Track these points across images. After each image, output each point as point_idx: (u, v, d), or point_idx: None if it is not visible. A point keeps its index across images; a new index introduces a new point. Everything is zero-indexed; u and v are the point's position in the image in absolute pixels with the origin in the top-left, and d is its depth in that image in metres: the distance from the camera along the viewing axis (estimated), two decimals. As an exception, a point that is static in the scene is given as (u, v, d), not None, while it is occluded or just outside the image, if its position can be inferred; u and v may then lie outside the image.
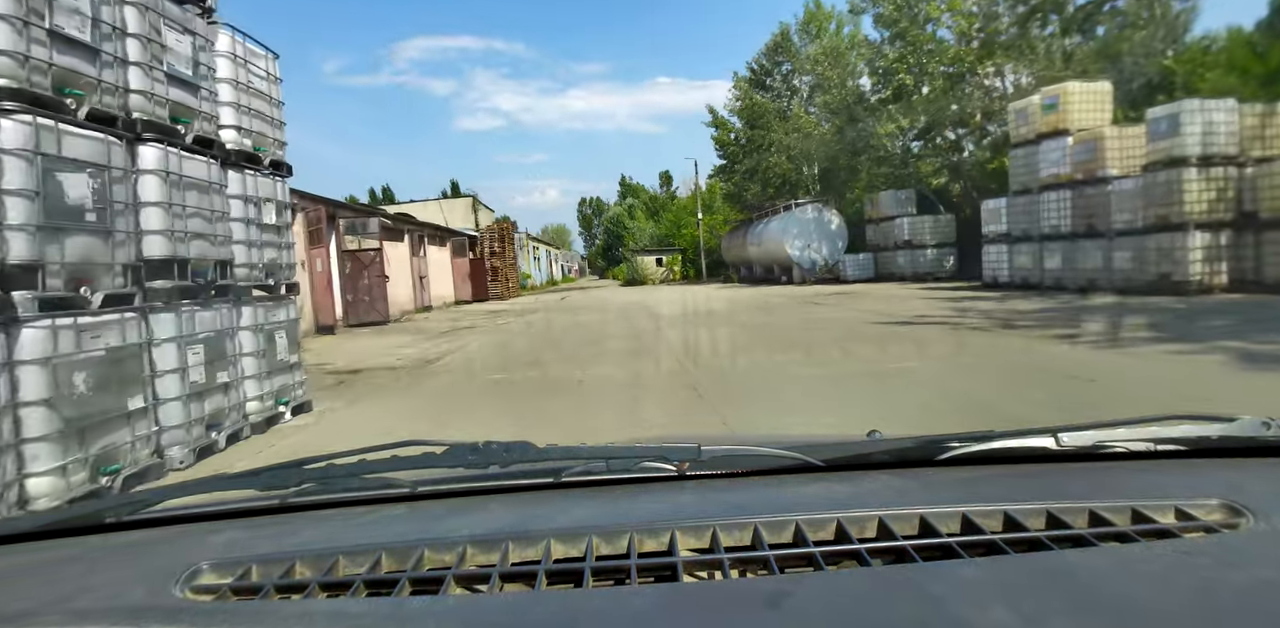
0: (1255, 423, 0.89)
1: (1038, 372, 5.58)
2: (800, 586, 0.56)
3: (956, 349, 7.11)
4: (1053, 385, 4.94)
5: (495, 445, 0.84)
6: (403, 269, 18.29)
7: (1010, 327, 8.88)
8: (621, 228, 69.90)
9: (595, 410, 4.89)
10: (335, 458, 0.87)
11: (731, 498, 0.81)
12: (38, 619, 0.58)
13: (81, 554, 0.77)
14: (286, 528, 0.81)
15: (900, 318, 10.34)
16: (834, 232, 25.71)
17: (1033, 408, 4.21)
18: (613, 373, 6.43)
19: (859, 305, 13.38)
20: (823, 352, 7.21)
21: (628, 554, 0.67)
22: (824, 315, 11.71)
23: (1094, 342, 7.46)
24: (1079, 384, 4.93)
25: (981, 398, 4.65)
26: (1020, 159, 15.88)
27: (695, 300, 18.68)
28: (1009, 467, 0.90)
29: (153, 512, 0.86)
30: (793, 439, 0.98)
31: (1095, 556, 0.60)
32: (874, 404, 4.62)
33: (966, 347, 7.27)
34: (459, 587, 0.63)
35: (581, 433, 2.30)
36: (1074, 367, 5.64)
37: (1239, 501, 0.70)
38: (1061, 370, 5.50)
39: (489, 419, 4.65)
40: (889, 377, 5.51)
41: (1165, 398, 4.32)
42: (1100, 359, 6.19)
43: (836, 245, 25.65)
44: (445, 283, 22.85)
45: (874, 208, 24.71)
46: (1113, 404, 4.14)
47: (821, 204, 26.33)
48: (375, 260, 15.00)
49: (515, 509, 0.81)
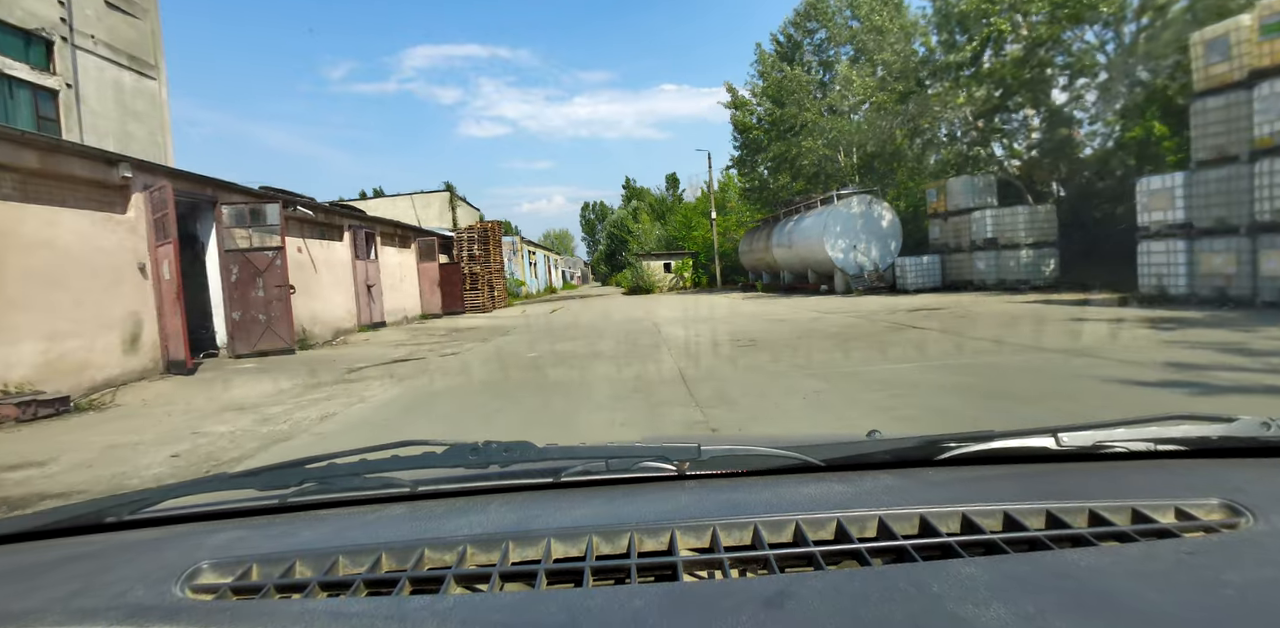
0: (1255, 423, 0.89)
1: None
2: (800, 585, 0.56)
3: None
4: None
5: (495, 445, 0.84)
6: (340, 275, 14.32)
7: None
8: (625, 232, 65.49)
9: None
10: (335, 458, 0.87)
11: (731, 498, 0.81)
12: (40, 618, 0.58)
13: (82, 554, 0.77)
14: (286, 528, 0.81)
15: (1183, 374, 5.16)
16: (885, 230, 20.63)
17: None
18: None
19: (1009, 336, 8.00)
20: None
21: (628, 554, 0.68)
22: (997, 362, 6.28)
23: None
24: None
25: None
26: (1212, 113, 10.70)
27: (721, 319, 13.57)
28: (1009, 467, 0.90)
29: (153, 511, 0.86)
30: (793, 439, 0.98)
31: (1095, 555, 0.60)
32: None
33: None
34: (459, 587, 0.63)
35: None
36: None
37: (1239, 501, 0.70)
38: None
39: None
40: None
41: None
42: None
43: (889, 247, 20.57)
44: (407, 292, 18.66)
45: (941, 199, 19.51)
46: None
47: (870, 196, 21.22)
48: (275, 264, 10.36)
49: (515, 509, 0.81)
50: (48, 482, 4.21)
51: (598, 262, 78.10)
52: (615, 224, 72.57)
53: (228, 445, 4.99)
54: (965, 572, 0.57)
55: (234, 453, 4.70)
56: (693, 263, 36.42)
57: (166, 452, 4.96)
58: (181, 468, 4.44)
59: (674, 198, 62.09)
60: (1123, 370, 5.38)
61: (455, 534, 0.72)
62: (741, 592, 0.56)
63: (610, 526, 0.72)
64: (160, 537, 0.82)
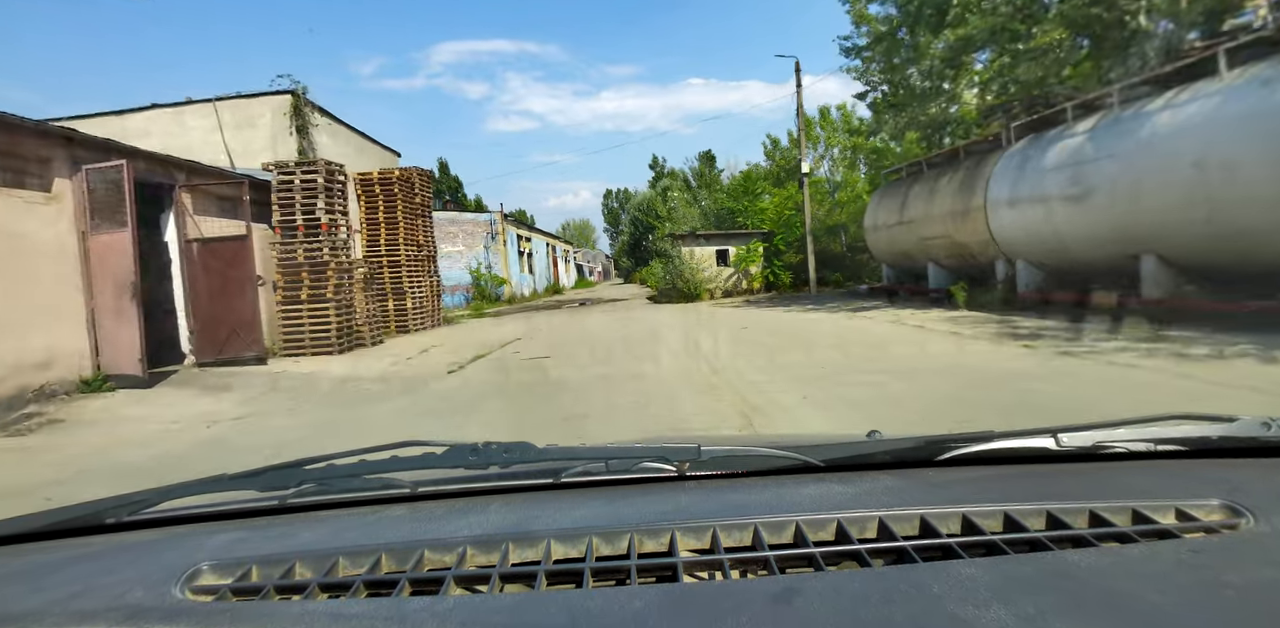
0: (1255, 423, 0.88)
1: None
2: (801, 586, 0.56)
3: None
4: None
5: (495, 446, 0.83)
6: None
7: None
8: (652, 216, 51.07)
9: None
10: (335, 458, 0.87)
11: (731, 498, 0.81)
12: (40, 619, 0.58)
13: (82, 555, 0.77)
14: (286, 529, 0.81)
15: None
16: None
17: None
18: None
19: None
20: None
21: (628, 555, 0.68)
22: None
23: None
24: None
25: None
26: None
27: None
28: (1009, 467, 0.90)
29: (153, 512, 0.86)
30: (793, 440, 0.97)
31: (1095, 556, 0.60)
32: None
33: None
34: (459, 587, 0.63)
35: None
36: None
37: (1239, 501, 0.70)
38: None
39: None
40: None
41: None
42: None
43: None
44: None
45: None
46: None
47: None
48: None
49: (515, 510, 0.81)
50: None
51: (619, 254, 64.70)
52: (640, 206, 58.34)
53: None
54: (966, 573, 0.57)
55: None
56: (766, 251, 22.26)
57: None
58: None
59: (712, 175, 47.41)
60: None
61: (455, 535, 0.72)
62: (742, 593, 0.56)
63: (610, 526, 0.72)
64: (160, 538, 0.82)
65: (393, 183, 12.96)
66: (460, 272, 28.32)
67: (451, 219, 29.37)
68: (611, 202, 73.95)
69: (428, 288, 14.04)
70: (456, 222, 29.35)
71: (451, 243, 29.30)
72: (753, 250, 21.05)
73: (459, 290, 28.06)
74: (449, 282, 28.21)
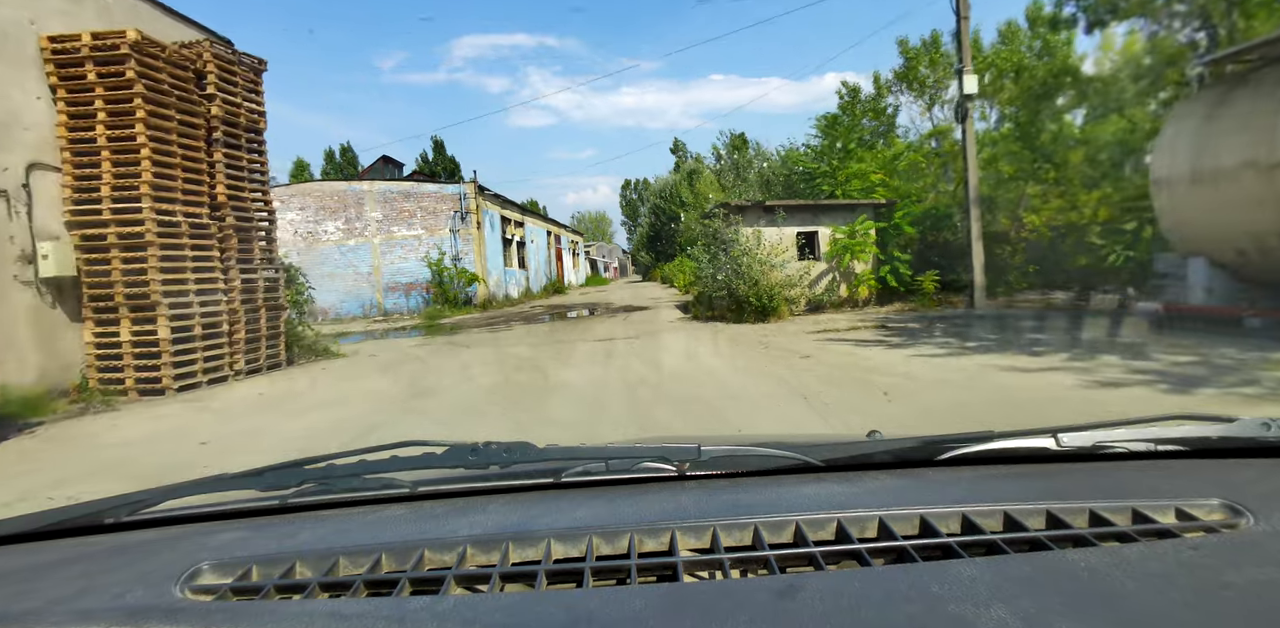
0: (1255, 424, 0.88)
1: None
2: (801, 586, 0.56)
3: None
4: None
5: (495, 446, 0.83)
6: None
7: None
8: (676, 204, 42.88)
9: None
10: (335, 458, 0.86)
11: (732, 498, 0.81)
12: (40, 619, 0.58)
13: (82, 554, 0.77)
14: (286, 528, 0.80)
15: None
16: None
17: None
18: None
19: None
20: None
21: (628, 554, 0.67)
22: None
23: None
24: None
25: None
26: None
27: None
28: (1009, 467, 0.89)
29: (153, 512, 0.86)
30: (793, 439, 0.96)
31: (1095, 556, 0.60)
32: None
33: None
34: (459, 587, 0.63)
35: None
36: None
37: (1239, 501, 0.69)
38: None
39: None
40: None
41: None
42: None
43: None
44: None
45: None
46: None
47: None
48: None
49: (515, 510, 0.81)
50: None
51: (638, 248, 56.70)
52: (661, 193, 49.90)
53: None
54: (966, 572, 0.57)
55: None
56: (880, 235, 13.22)
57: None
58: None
59: (742, 157, 38.56)
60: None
61: (455, 535, 0.72)
62: (742, 592, 0.56)
63: (610, 526, 0.72)
64: (160, 538, 0.81)
65: (135, 63, 4.93)
66: (417, 264, 20.49)
67: (406, 192, 21.37)
68: (630, 193, 67.18)
69: (256, 294, 5.94)
70: (413, 195, 21.33)
71: (407, 225, 21.29)
72: (861, 233, 12.64)
73: (415, 290, 20.35)
74: (401, 278, 21.31)
